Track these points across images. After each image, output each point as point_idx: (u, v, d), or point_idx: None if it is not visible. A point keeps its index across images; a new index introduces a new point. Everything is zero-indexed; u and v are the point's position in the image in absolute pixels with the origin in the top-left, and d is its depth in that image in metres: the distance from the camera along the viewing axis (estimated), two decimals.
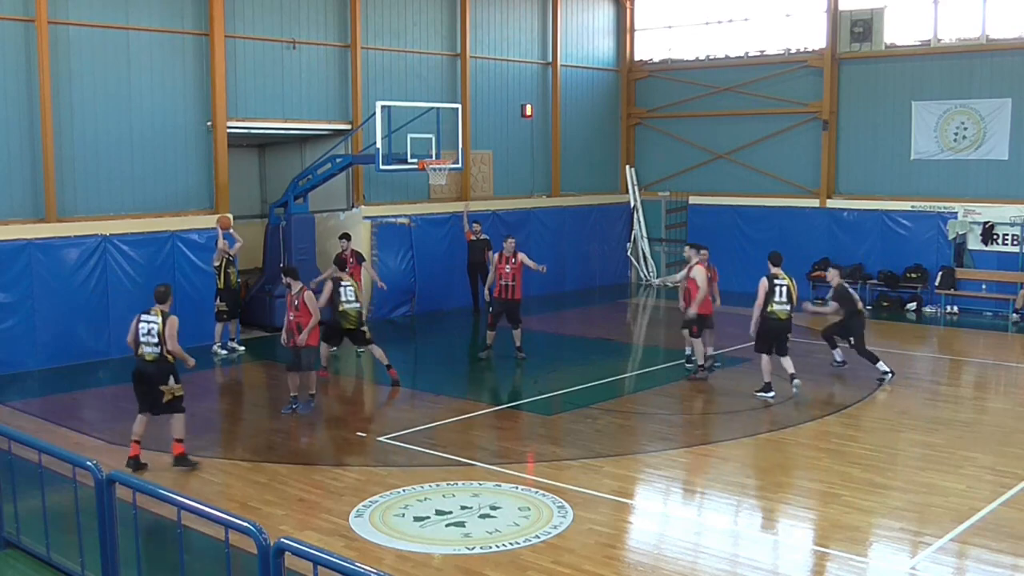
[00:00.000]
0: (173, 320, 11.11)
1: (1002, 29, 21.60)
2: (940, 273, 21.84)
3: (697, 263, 15.35)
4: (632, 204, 26.65)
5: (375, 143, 18.48)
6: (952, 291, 21.64)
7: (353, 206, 20.86)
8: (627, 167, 26.82)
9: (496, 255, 17.32)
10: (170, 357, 11.05)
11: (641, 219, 26.61)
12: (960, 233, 21.69)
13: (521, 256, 16.57)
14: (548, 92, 24.88)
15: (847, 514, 9.70)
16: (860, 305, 15.70)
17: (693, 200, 25.77)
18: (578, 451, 11.82)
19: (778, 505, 10.10)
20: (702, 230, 25.48)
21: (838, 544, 9.05)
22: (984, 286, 21.62)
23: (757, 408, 13.73)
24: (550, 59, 24.81)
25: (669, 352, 18.00)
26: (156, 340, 10.98)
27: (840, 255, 23.28)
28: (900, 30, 22.87)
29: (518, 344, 16.66)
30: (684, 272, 15.72)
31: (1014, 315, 20.63)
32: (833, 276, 15.90)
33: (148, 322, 11.07)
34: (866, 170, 23.42)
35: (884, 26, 22.89)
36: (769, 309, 14.11)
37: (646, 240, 26.64)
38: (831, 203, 23.69)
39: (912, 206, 22.47)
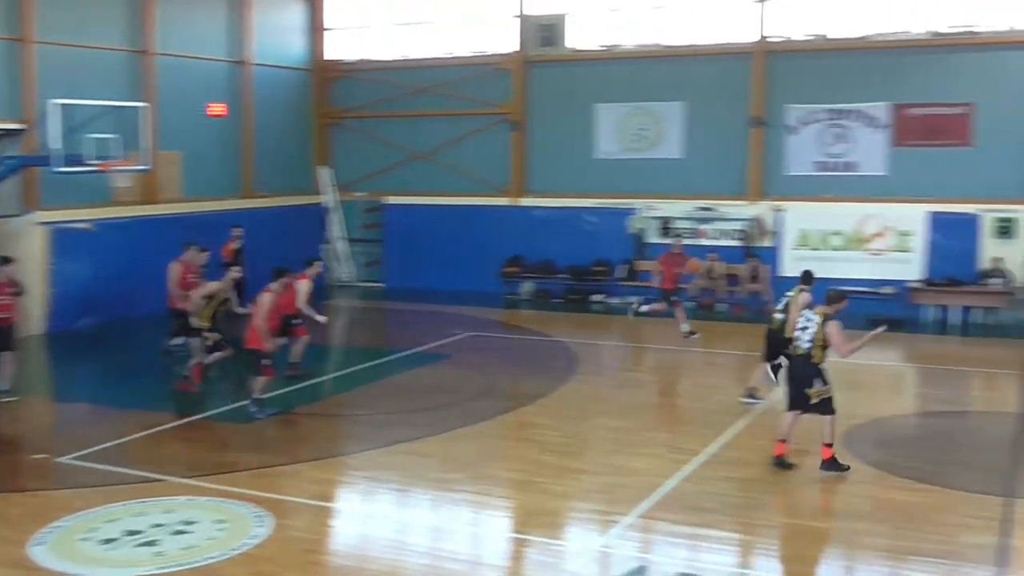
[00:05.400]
0: (834, 325, 10.71)
1: (677, 36, 23.16)
2: (623, 265, 23.16)
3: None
4: (327, 205, 26.37)
5: (52, 143, 17.28)
6: (635, 283, 22.95)
7: (26, 211, 19.29)
8: (321, 167, 26.53)
9: None
10: (816, 358, 10.73)
11: (341, 219, 26.39)
12: (640, 228, 23.09)
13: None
14: (240, 91, 24.17)
15: (544, 500, 10.08)
16: None
17: (392, 200, 25.87)
18: (276, 457, 11.55)
19: (478, 497, 10.31)
20: (398, 230, 25.70)
21: (536, 530, 9.39)
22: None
23: (452, 401, 14.00)
24: (242, 57, 24.12)
25: (368, 352, 18.08)
26: (809, 338, 10.73)
27: (532, 252, 24.19)
28: (584, 36, 24.01)
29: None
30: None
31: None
32: None
33: (808, 319, 10.88)
34: (555, 169, 24.41)
35: (567, 32, 23.95)
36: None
37: (344, 240, 26.45)
38: (523, 201, 24.54)
39: (598, 203, 23.67)
